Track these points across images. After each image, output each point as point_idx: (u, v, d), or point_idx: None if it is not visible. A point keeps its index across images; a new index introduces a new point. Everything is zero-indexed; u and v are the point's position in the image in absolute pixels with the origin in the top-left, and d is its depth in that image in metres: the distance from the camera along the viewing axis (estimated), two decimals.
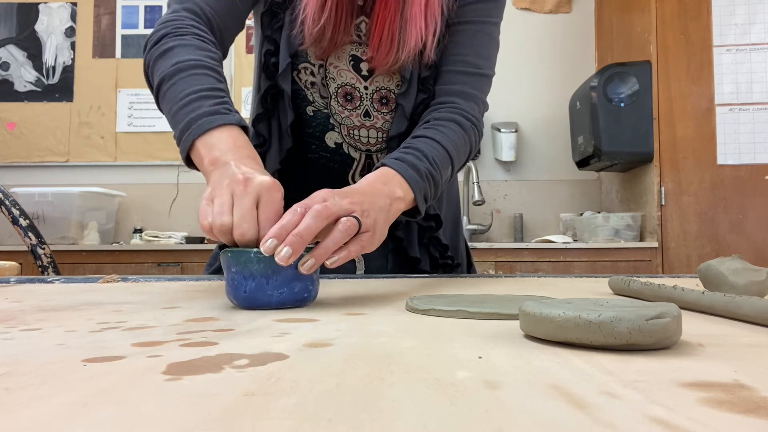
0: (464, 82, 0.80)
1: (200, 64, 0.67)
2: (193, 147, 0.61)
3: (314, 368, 0.26)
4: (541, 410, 0.20)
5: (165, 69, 0.67)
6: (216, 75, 0.68)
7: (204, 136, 0.60)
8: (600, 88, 2.44)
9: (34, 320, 0.41)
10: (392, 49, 0.77)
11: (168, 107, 0.66)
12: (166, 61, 0.68)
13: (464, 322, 0.40)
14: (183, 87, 0.65)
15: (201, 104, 0.63)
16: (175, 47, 0.69)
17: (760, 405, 0.21)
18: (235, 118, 0.62)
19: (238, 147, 0.59)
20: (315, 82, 0.82)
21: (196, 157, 0.61)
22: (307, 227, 0.48)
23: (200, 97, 0.64)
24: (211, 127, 0.61)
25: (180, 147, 0.63)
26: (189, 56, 0.68)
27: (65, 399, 0.21)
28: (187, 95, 0.64)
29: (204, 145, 0.60)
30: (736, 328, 0.38)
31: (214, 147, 0.59)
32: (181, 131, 0.62)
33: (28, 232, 1.10)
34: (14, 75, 3.08)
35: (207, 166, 0.58)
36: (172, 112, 0.65)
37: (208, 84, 0.65)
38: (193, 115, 0.62)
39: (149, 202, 3.04)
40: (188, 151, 0.62)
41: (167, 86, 0.67)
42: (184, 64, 0.67)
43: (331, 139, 0.84)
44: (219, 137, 0.60)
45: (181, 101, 0.64)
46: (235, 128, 0.62)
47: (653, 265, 2.36)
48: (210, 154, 0.59)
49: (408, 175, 0.66)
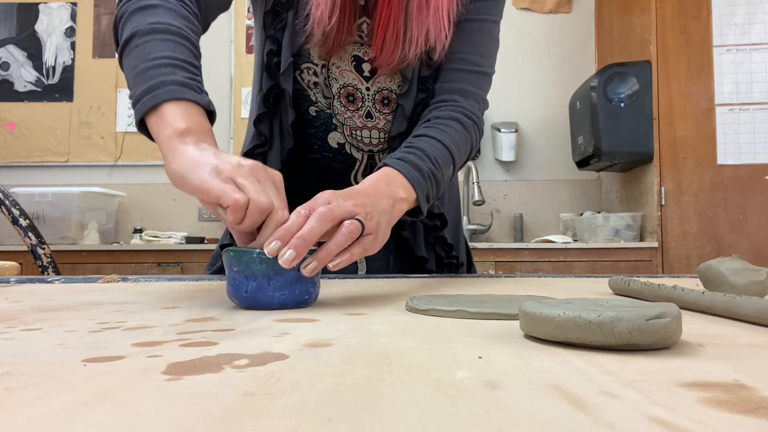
0: (465, 80, 0.80)
1: (180, 32, 0.64)
2: (155, 110, 0.57)
3: (314, 368, 0.26)
4: (541, 410, 0.20)
5: (142, 24, 0.63)
6: (194, 50, 0.65)
7: (171, 104, 0.57)
8: (600, 88, 2.44)
9: (34, 320, 0.41)
10: (397, 47, 0.76)
11: (134, 62, 0.61)
12: (144, 17, 0.64)
13: (464, 322, 0.40)
14: (157, 48, 0.61)
15: (174, 71, 0.60)
16: (158, 7, 0.66)
17: (760, 405, 0.21)
18: (206, 100, 0.60)
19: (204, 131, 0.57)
20: (318, 82, 0.81)
21: (157, 121, 0.57)
22: (311, 230, 0.48)
23: (174, 65, 0.60)
24: (181, 98, 0.58)
25: (138, 104, 0.59)
26: (170, 20, 0.65)
27: (65, 399, 0.21)
28: (161, 58, 0.60)
29: (170, 113, 0.56)
30: (736, 328, 0.38)
31: (181, 119, 0.56)
32: (146, 90, 0.58)
33: (28, 232, 1.10)
34: (14, 75, 3.08)
35: (171, 134, 0.55)
36: (138, 68, 0.60)
37: (185, 56, 0.62)
38: (164, 79, 0.58)
39: (149, 202, 3.04)
40: (147, 111, 0.58)
41: (140, 41, 0.62)
42: (164, 26, 0.63)
43: (333, 139, 0.84)
44: (188, 112, 0.57)
45: (153, 62, 0.60)
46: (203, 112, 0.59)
47: (653, 265, 2.36)
48: (176, 124, 0.55)
49: (410, 175, 0.66)
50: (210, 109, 0.60)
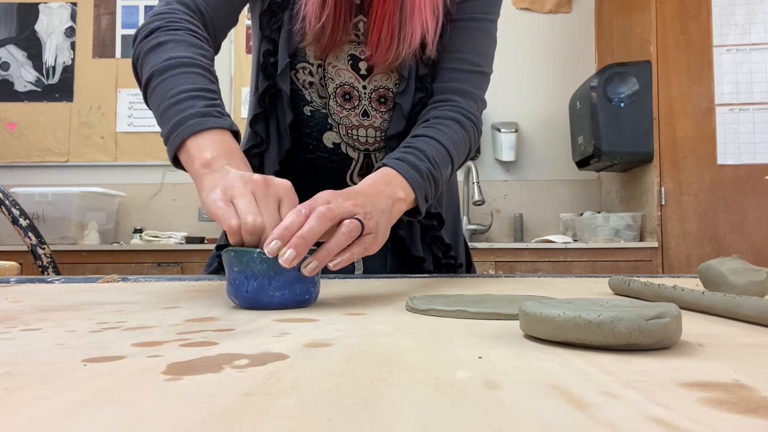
0: (463, 80, 0.80)
1: (193, 62, 0.66)
2: (182, 146, 0.60)
3: (314, 368, 0.26)
4: (541, 410, 0.20)
5: (156, 64, 0.66)
6: (209, 75, 0.66)
7: (195, 137, 0.59)
8: (600, 88, 2.44)
9: (34, 320, 0.41)
10: (392, 45, 0.76)
11: (157, 103, 0.64)
12: (157, 55, 0.67)
13: (464, 322, 0.40)
14: (174, 84, 0.63)
15: (193, 104, 0.61)
16: (168, 42, 0.68)
17: (760, 405, 0.21)
18: (227, 122, 0.61)
19: (230, 153, 0.58)
20: (313, 82, 0.81)
21: (186, 157, 0.60)
22: (311, 230, 0.48)
23: (192, 96, 0.62)
24: (203, 129, 0.59)
25: (168, 145, 0.61)
26: (182, 53, 0.66)
27: (65, 399, 0.21)
28: (179, 93, 0.62)
29: (195, 146, 0.58)
30: (736, 328, 0.38)
31: (206, 149, 0.58)
32: (171, 129, 0.61)
33: (28, 232, 1.10)
34: (14, 75, 3.08)
35: (198, 168, 0.57)
36: (161, 108, 0.63)
37: (201, 84, 0.64)
38: (185, 114, 0.60)
39: (149, 202, 3.04)
40: (176, 150, 0.60)
41: (157, 82, 0.65)
42: (177, 60, 0.65)
43: (329, 139, 0.83)
44: (211, 140, 0.59)
45: (172, 99, 0.62)
46: (227, 133, 0.60)
47: (653, 265, 2.36)
48: (201, 156, 0.57)
49: (409, 175, 0.66)
50: (233, 130, 0.62)
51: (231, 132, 0.61)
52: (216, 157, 0.57)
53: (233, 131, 0.62)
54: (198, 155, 0.58)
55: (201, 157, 0.57)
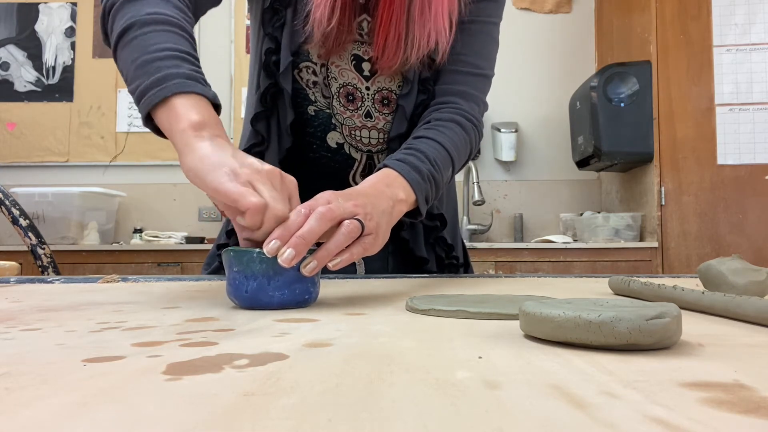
0: (465, 82, 0.80)
1: (178, 23, 0.63)
2: (164, 103, 0.56)
3: (314, 368, 0.26)
4: (541, 410, 0.20)
5: (137, 14, 0.62)
6: (193, 41, 0.64)
7: (181, 96, 0.56)
8: (600, 88, 2.44)
9: (34, 320, 0.41)
10: (399, 50, 0.76)
11: (133, 56, 0.60)
12: (139, 7, 0.63)
13: (464, 322, 0.40)
14: (158, 39, 0.60)
15: (179, 63, 0.59)
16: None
17: (760, 405, 0.21)
18: (212, 93, 0.59)
19: (217, 124, 0.56)
20: (317, 81, 0.81)
21: (167, 114, 0.56)
22: (311, 230, 0.48)
23: (178, 57, 0.59)
24: (190, 91, 0.57)
25: (144, 98, 0.57)
26: (166, 10, 0.63)
27: (65, 399, 0.21)
28: (163, 50, 0.59)
29: (182, 105, 0.55)
30: (736, 328, 0.38)
31: (193, 111, 0.55)
32: (152, 84, 0.57)
33: (28, 232, 1.10)
34: (14, 75, 3.08)
35: (185, 128, 0.54)
36: (139, 61, 0.59)
37: (186, 48, 0.61)
38: (171, 71, 0.57)
39: (149, 202, 3.04)
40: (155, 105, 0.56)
41: (136, 33, 0.61)
42: (160, 17, 0.62)
43: (332, 139, 0.83)
44: (198, 104, 0.56)
45: (156, 53, 0.58)
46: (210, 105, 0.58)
47: (653, 265, 2.37)
48: (188, 117, 0.54)
49: (410, 177, 0.66)
50: (216, 103, 0.59)
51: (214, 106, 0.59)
52: (205, 122, 0.54)
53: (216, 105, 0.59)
54: (185, 115, 0.55)
55: (188, 119, 0.54)
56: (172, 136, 0.55)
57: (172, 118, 0.55)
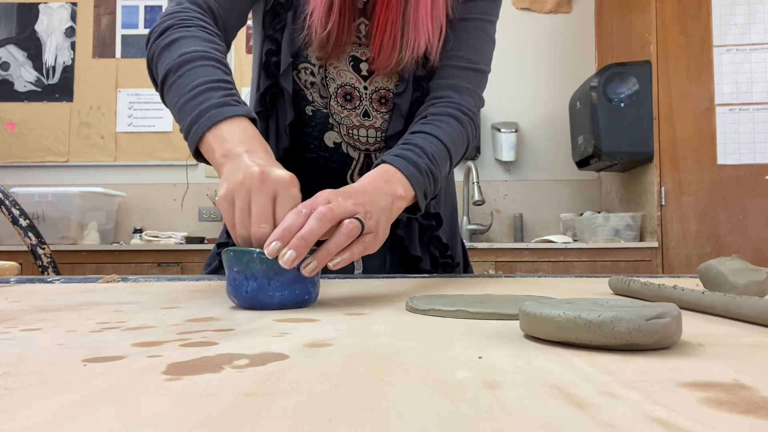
0: (460, 76, 0.81)
1: (207, 55, 0.66)
2: (202, 139, 0.60)
3: (314, 368, 0.26)
4: (541, 410, 0.20)
5: (171, 61, 0.66)
6: (223, 67, 0.67)
7: (214, 128, 0.60)
8: (600, 88, 2.44)
9: (34, 320, 0.41)
10: (394, 51, 0.77)
11: (174, 100, 0.65)
12: (171, 52, 0.67)
13: (464, 322, 0.40)
14: (190, 79, 0.64)
15: (210, 96, 0.62)
16: (181, 38, 0.68)
17: (760, 405, 0.21)
18: (245, 109, 0.62)
19: (249, 138, 0.59)
20: (315, 82, 0.82)
21: (207, 149, 0.60)
22: (311, 230, 0.48)
23: (208, 88, 0.63)
24: (221, 119, 0.60)
25: (188, 140, 0.62)
26: (195, 47, 0.67)
27: (65, 399, 0.21)
28: (195, 87, 0.63)
29: (215, 138, 0.59)
30: (736, 328, 0.38)
31: (226, 139, 0.58)
32: (190, 123, 0.61)
33: (28, 232, 1.10)
34: (14, 75, 3.08)
35: (219, 158, 0.58)
36: (179, 104, 0.63)
37: (216, 75, 0.64)
38: (203, 107, 0.61)
39: (149, 202, 3.04)
40: (197, 143, 0.61)
41: (173, 78, 0.65)
42: (191, 55, 0.66)
43: (330, 138, 0.84)
44: (230, 129, 0.59)
45: (189, 93, 0.63)
46: (245, 120, 0.61)
47: (653, 265, 2.36)
48: (221, 147, 0.58)
49: (409, 172, 0.66)
50: (251, 117, 0.62)
51: (249, 119, 0.62)
52: (235, 144, 0.58)
53: (251, 118, 0.62)
54: (218, 147, 0.58)
55: (220, 148, 0.58)
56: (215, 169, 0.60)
57: (210, 153, 0.60)
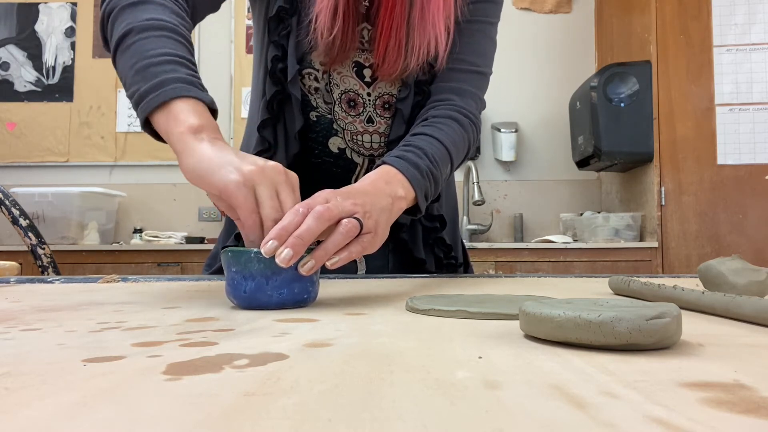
0: (461, 79, 0.81)
1: (175, 29, 0.64)
2: (163, 107, 0.57)
3: (314, 368, 0.26)
4: (541, 410, 0.20)
5: (135, 21, 0.63)
6: (190, 46, 0.65)
7: (180, 101, 0.57)
8: (600, 88, 2.44)
9: (34, 320, 0.41)
10: (399, 57, 0.76)
11: (132, 60, 0.61)
12: (137, 13, 0.64)
13: (464, 322, 0.40)
14: (156, 45, 0.61)
15: (177, 68, 0.60)
16: (149, 2, 0.65)
17: (760, 405, 0.21)
18: (210, 98, 0.60)
19: (215, 128, 0.57)
20: (319, 87, 0.81)
21: (166, 118, 0.57)
22: (309, 229, 0.48)
23: (176, 62, 0.60)
24: (189, 95, 0.58)
25: (142, 103, 0.58)
26: (164, 16, 0.64)
27: (65, 399, 0.21)
28: (161, 55, 0.60)
29: (181, 109, 0.56)
30: (736, 328, 0.38)
31: (192, 115, 0.56)
32: (151, 88, 0.58)
33: (28, 232, 1.10)
34: (14, 75, 3.08)
35: (184, 131, 0.55)
36: (137, 66, 0.60)
37: (183, 53, 0.62)
38: (169, 76, 0.58)
39: (149, 202, 3.04)
40: (153, 109, 0.57)
41: (135, 38, 0.62)
42: (159, 22, 0.63)
43: (334, 144, 0.84)
44: (196, 108, 0.57)
45: (153, 59, 0.60)
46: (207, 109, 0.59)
47: (653, 265, 2.36)
48: (188, 121, 0.55)
49: (409, 173, 0.66)
50: (213, 108, 0.60)
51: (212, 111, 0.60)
52: (203, 126, 0.56)
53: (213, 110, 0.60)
54: (184, 120, 0.56)
55: (187, 123, 0.55)
56: (171, 138, 0.56)
57: (171, 121, 0.56)
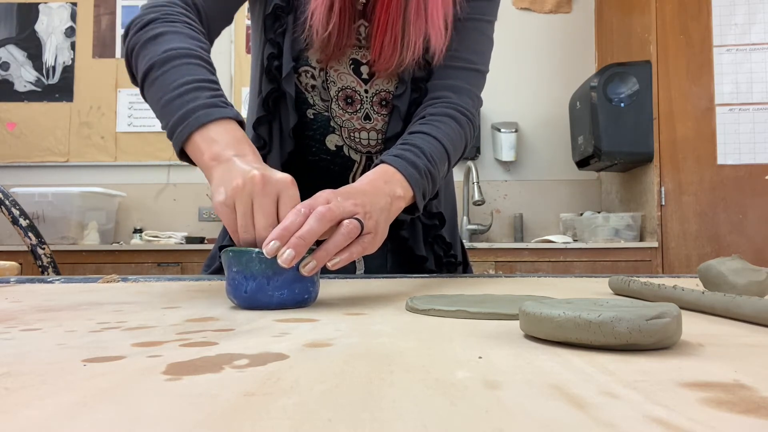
0: (458, 77, 0.81)
1: (193, 53, 0.65)
2: (189, 139, 0.60)
3: (314, 368, 0.26)
4: (541, 410, 0.20)
5: (155, 55, 0.65)
6: (209, 66, 0.66)
7: (202, 129, 0.59)
8: (600, 88, 2.44)
9: (34, 320, 0.41)
10: (395, 52, 0.77)
11: (158, 96, 0.63)
12: (156, 46, 0.66)
13: (464, 322, 0.40)
14: (176, 76, 0.63)
15: (197, 95, 0.61)
16: (166, 33, 0.67)
17: (760, 405, 0.21)
18: (233, 112, 0.61)
19: (238, 141, 0.58)
20: (315, 85, 0.81)
21: (194, 150, 0.59)
22: (310, 230, 0.48)
23: (195, 88, 0.62)
24: (209, 120, 0.59)
25: (174, 138, 0.61)
26: (181, 44, 0.66)
27: (65, 399, 0.21)
28: (182, 85, 0.62)
29: (203, 139, 0.58)
30: (736, 328, 0.38)
31: (215, 141, 0.58)
32: (177, 122, 0.60)
33: (28, 232, 1.10)
34: (14, 75, 3.08)
35: (208, 161, 0.57)
36: (163, 101, 0.62)
37: (202, 75, 0.63)
38: (190, 106, 0.60)
39: (149, 202, 3.04)
40: (183, 143, 0.60)
41: (157, 73, 0.64)
42: (176, 51, 0.65)
43: (331, 141, 0.84)
44: (218, 131, 0.59)
45: (175, 91, 0.62)
46: (233, 122, 0.61)
47: (653, 265, 2.36)
48: (210, 149, 0.57)
49: (408, 172, 0.66)
50: (239, 120, 0.62)
51: (237, 121, 0.61)
52: (224, 147, 0.57)
53: (239, 120, 0.62)
54: (207, 148, 0.58)
55: (210, 150, 0.57)
56: (202, 170, 0.60)
57: (197, 154, 0.59)
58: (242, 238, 0.51)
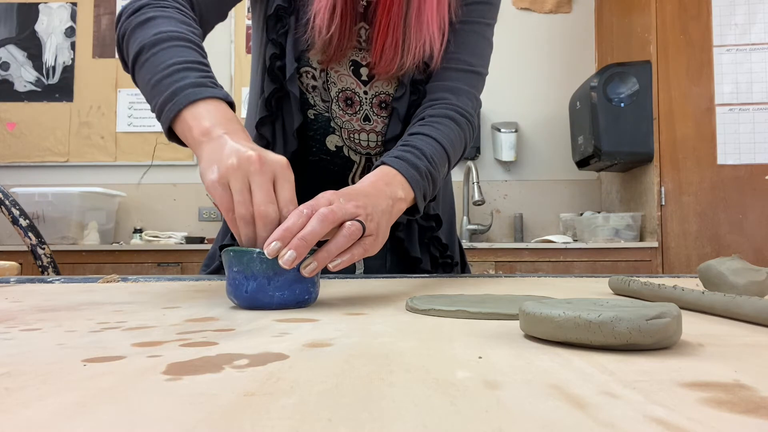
0: (457, 78, 0.81)
1: (184, 36, 0.66)
2: (178, 117, 0.59)
3: (314, 368, 0.26)
4: (541, 410, 0.20)
5: (145, 38, 0.65)
6: (200, 50, 0.66)
7: (191, 107, 0.59)
8: (600, 88, 2.44)
9: (34, 320, 0.41)
10: (396, 55, 0.77)
11: (147, 76, 0.63)
12: (146, 30, 0.66)
13: (464, 322, 0.40)
14: (166, 57, 0.63)
15: (186, 75, 0.61)
16: (157, 17, 0.67)
17: (760, 405, 0.21)
18: (223, 92, 0.61)
19: (228, 120, 0.58)
20: (316, 85, 0.82)
21: (182, 126, 0.59)
22: (312, 231, 0.48)
23: (185, 68, 0.62)
24: (199, 98, 0.59)
25: (162, 116, 0.61)
26: (172, 27, 0.66)
27: (65, 399, 0.21)
28: (171, 65, 0.62)
29: (192, 116, 0.58)
30: (736, 328, 0.38)
31: (204, 117, 0.58)
32: (165, 100, 0.60)
33: (28, 232, 1.10)
34: (14, 75, 3.08)
35: (197, 136, 0.57)
36: (152, 81, 0.62)
37: (192, 57, 0.64)
38: (179, 84, 0.60)
39: (149, 202, 3.04)
40: (171, 120, 0.60)
41: (148, 55, 0.64)
42: (167, 34, 0.65)
43: (331, 142, 0.84)
44: (207, 109, 0.59)
45: (164, 71, 0.62)
46: (223, 102, 0.60)
47: (653, 265, 2.36)
48: (200, 125, 0.57)
49: (409, 174, 0.66)
50: (229, 100, 0.61)
51: (227, 102, 0.61)
52: (214, 124, 0.57)
53: (229, 102, 0.61)
54: (196, 124, 0.57)
55: (199, 126, 0.57)
56: (190, 146, 0.59)
57: (186, 131, 0.59)
58: (239, 212, 0.50)
